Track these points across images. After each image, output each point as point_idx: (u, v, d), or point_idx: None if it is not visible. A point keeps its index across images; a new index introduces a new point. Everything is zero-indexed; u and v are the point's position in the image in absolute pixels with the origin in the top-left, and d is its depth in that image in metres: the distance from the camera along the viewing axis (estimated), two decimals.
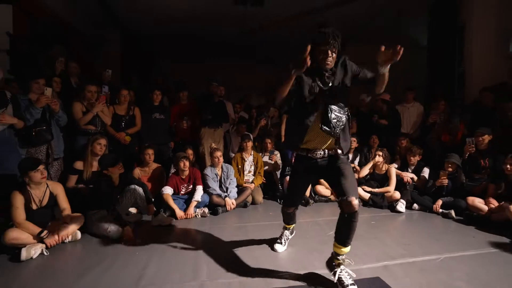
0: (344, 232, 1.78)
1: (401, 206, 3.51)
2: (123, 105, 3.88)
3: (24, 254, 2.15)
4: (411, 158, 3.96)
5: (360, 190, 3.85)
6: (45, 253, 2.27)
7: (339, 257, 1.81)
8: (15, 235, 2.23)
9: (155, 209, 3.04)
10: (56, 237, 2.35)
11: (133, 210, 3.24)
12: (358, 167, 4.35)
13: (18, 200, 2.33)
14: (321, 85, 1.77)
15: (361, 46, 7.69)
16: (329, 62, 1.72)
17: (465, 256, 2.25)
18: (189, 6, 6.05)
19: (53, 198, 2.49)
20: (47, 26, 5.26)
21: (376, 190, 3.82)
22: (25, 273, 2.02)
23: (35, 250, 2.23)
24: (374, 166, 3.98)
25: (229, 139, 4.69)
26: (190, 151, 3.93)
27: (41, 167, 2.43)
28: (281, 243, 2.37)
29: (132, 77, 7.75)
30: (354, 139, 4.48)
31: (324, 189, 4.02)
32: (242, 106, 5.31)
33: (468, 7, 4.92)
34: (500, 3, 4.73)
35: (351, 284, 1.72)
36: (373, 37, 7.28)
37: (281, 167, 4.39)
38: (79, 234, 2.57)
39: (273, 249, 2.35)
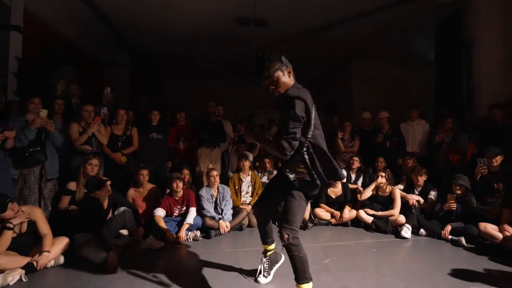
0: (293, 267, 1.75)
1: (406, 231, 3.27)
2: (120, 125, 3.91)
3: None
4: (418, 178, 3.74)
5: (362, 213, 3.64)
6: (24, 279, 2.20)
7: None
8: None
9: (144, 232, 2.94)
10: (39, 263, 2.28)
11: (124, 232, 3.16)
12: (361, 188, 4.15)
13: None
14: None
15: (366, 63, 7.68)
16: (274, 92, 1.74)
17: None
18: (194, 28, 6.22)
19: (32, 224, 2.42)
20: (57, 49, 5.50)
21: (380, 213, 3.60)
22: None
23: (13, 277, 2.16)
24: (378, 188, 3.78)
25: (228, 159, 4.61)
26: (186, 171, 3.87)
27: (10, 205, 2.28)
28: (263, 275, 2.16)
29: (140, 98, 7.93)
30: (357, 158, 4.31)
31: (323, 212, 3.83)
32: (244, 126, 5.25)
33: (475, 22, 4.78)
34: (508, 16, 4.59)
35: None
36: (379, 54, 7.26)
37: None
38: (62, 259, 2.50)
39: (256, 281, 2.17)
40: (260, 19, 6.09)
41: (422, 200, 3.63)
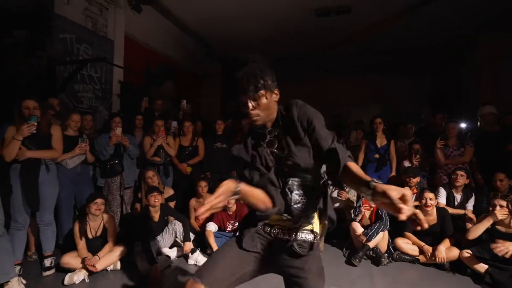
0: None
1: None
2: (188, 136, 4.12)
3: (66, 279, 2.46)
4: None
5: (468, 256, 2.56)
6: (86, 280, 2.54)
7: None
8: (66, 260, 2.60)
9: (192, 247, 2.95)
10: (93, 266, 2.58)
11: (171, 252, 3.05)
12: (472, 215, 2.97)
13: (77, 229, 2.72)
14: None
15: (498, 38, 5.61)
16: (254, 117, 1.21)
17: None
18: (274, 29, 6.21)
19: (106, 230, 2.80)
20: (157, 68, 6.43)
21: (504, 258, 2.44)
22: None
23: (78, 276, 2.51)
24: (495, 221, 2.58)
25: None
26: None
27: (98, 200, 2.74)
28: None
29: (228, 106, 8.42)
30: (462, 172, 3.09)
31: (408, 244, 2.92)
32: None
33: None
34: None
35: None
36: None
37: (355, 204, 3.55)
38: (118, 264, 2.77)
39: None
40: (342, 6, 5.44)
41: None
